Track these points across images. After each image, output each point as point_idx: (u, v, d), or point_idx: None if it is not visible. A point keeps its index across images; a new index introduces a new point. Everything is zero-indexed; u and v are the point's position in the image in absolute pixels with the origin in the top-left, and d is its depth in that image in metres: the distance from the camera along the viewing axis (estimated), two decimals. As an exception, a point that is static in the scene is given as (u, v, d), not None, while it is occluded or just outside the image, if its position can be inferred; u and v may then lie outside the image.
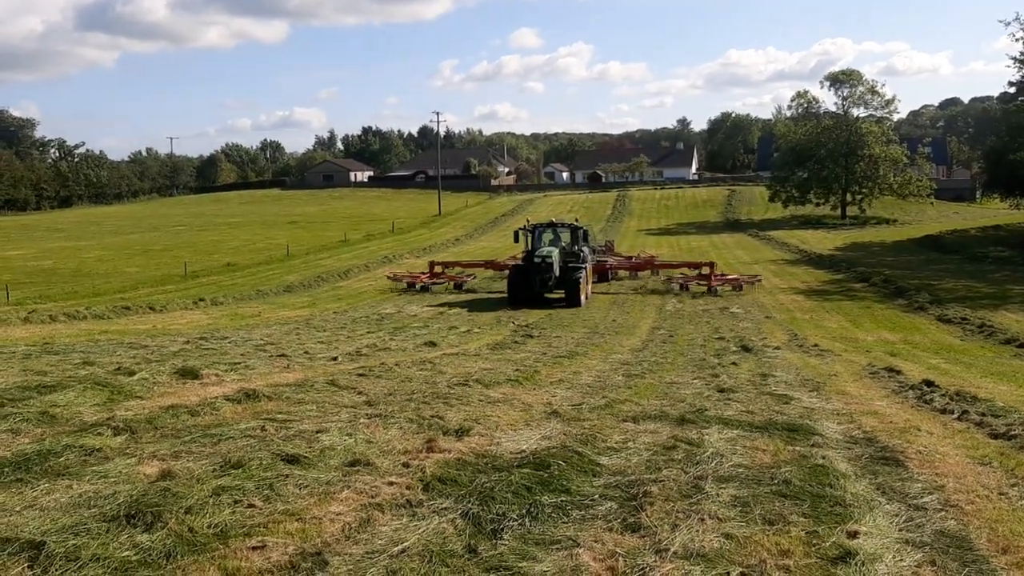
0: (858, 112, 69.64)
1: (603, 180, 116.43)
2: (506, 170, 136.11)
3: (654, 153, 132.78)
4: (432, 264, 36.39)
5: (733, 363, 15.22)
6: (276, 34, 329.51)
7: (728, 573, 4.12)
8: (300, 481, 5.48)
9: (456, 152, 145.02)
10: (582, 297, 27.92)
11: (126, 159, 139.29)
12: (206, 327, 21.40)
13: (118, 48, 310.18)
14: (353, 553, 4.29)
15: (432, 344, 17.00)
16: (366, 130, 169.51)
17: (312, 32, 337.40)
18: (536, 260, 27.88)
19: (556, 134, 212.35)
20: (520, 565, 4.21)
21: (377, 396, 9.08)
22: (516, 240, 30.72)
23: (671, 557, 4.30)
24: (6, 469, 5.47)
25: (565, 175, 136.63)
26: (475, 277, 36.00)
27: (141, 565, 4.03)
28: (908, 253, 45.99)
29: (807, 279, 36.67)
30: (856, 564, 4.20)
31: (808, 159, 67.91)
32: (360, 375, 10.88)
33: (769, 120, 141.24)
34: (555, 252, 28.21)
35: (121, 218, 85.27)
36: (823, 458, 6.57)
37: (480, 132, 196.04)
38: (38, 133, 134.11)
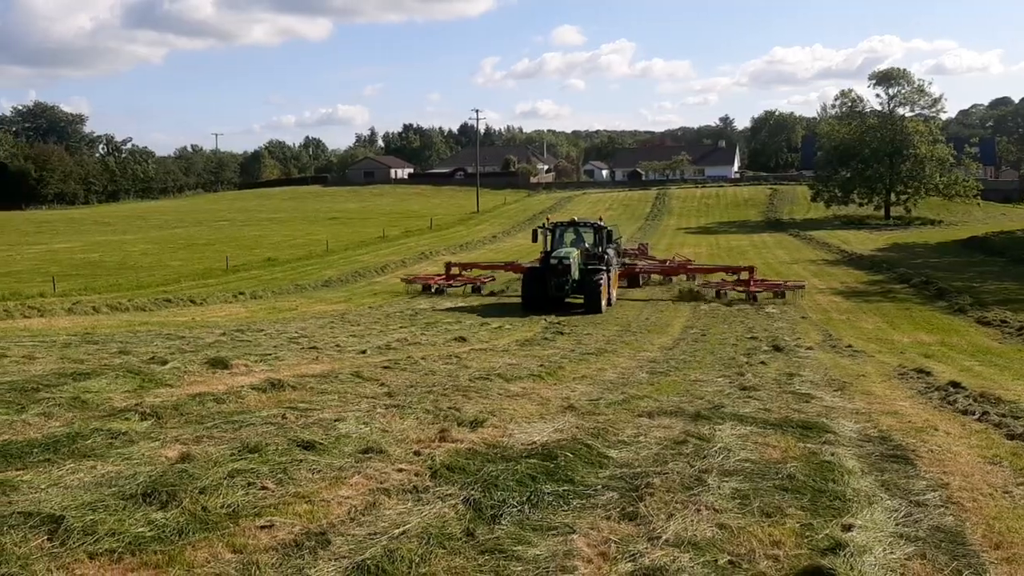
0: (904, 111, 68.52)
1: (643, 178, 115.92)
2: (545, 167, 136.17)
3: (696, 151, 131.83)
4: (448, 265, 34.03)
5: (762, 362, 15.19)
6: (320, 31, 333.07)
7: (716, 560, 4.21)
8: (313, 466, 5.68)
9: (496, 149, 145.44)
10: (603, 302, 25.54)
11: (172, 154, 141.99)
12: (243, 320, 21.85)
13: (166, 45, 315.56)
14: (356, 534, 4.46)
15: (462, 339, 17.20)
16: (407, 127, 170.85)
17: (356, 30, 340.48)
18: (552, 261, 25.67)
19: (597, 131, 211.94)
20: (515, 548, 4.35)
21: (398, 388, 9.29)
22: (535, 240, 28.64)
23: (662, 544, 4.41)
24: (36, 450, 5.75)
25: (605, 173, 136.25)
26: (494, 279, 33.68)
27: (154, 540, 4.25)
28: (952, 255, 45.19)
29: (846, 280, 36.23)
30: (845, 555, 4.26)
31: (852, 158, 66.97)
32: (385, 368, 11.10)
33: (814, 118, 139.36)
34: (574, 253, 26.03)
35: (166, 213, 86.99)
36: (832, 455, 6.61)
37: (520, 129, 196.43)
38: (87, 129, 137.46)
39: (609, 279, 26.64)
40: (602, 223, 28.36)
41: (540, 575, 4.04)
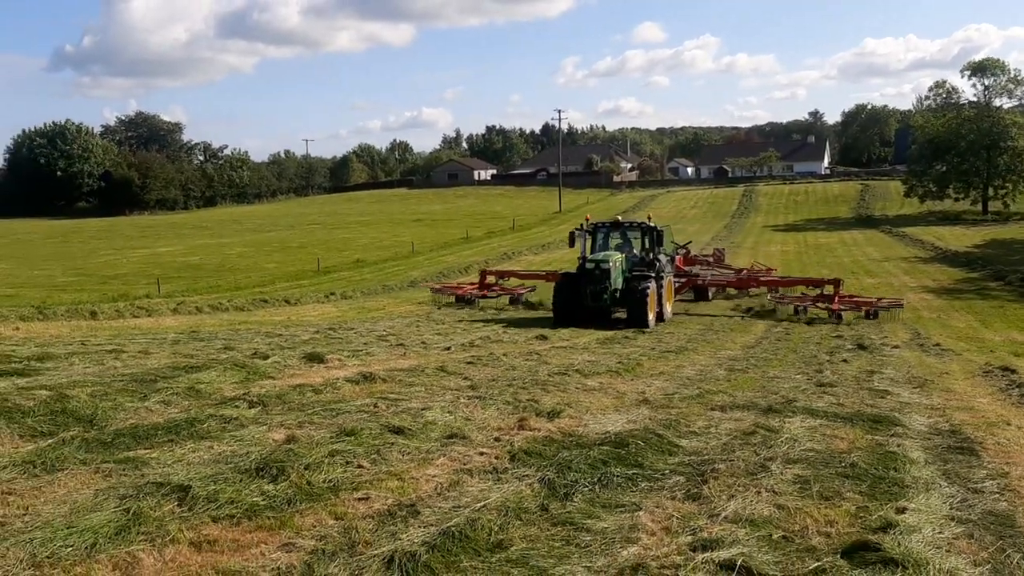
0: (1001, 102, 65.86)
1: (729, 175, 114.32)
2: (628, 166, 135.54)
3: (784, 147, 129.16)
4: (483, 274, 30.25)
5: (844, 360, 15.19)
6: (403, 37, 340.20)
7: (770, 535, 4.55)
8: (403, 449, 6.23)
9: (578, 149, 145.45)
10: (650, 316, 21.48)
11: (266, 160, 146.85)
12: (335, 319, 22.85)
13: (256, 54, 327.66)
14: (442, 507, 4.97)
15: (543, 338, 17.65)
16: (489, 129, 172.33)
17: (437, 34, 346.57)
18: (589, 266, 21.83)
19: (682, 128, 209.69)
20: (584, 522, 4.78)
21: (480, 381, 9.84)
22: (571, 244, 24.23)
23: (721, 521, 4.77)
24: (159, 432, 6.46)
25: (690, 170, 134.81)
26: (534, 289, 28.67)
27: (267, 508, 4.84)
28: (1054, 251, 43.39)
29: (939, 277, 35.26)
30: (894, 534, 4.53)
31: (947, 152, 64.65)
32: (468, 363, 11.67)
33: (908, 111, 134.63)
34: (615, 257, 22.08)
35: (260, 217, 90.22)
36: (898, 446, 6.81)
37: (603, 128, 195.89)
38: (185, 136, 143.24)
39: (660, 289, 22.53)
40: (652, 223, 24.13)
41: (606, 543, 4.45)
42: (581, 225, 24.36)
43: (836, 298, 25.13)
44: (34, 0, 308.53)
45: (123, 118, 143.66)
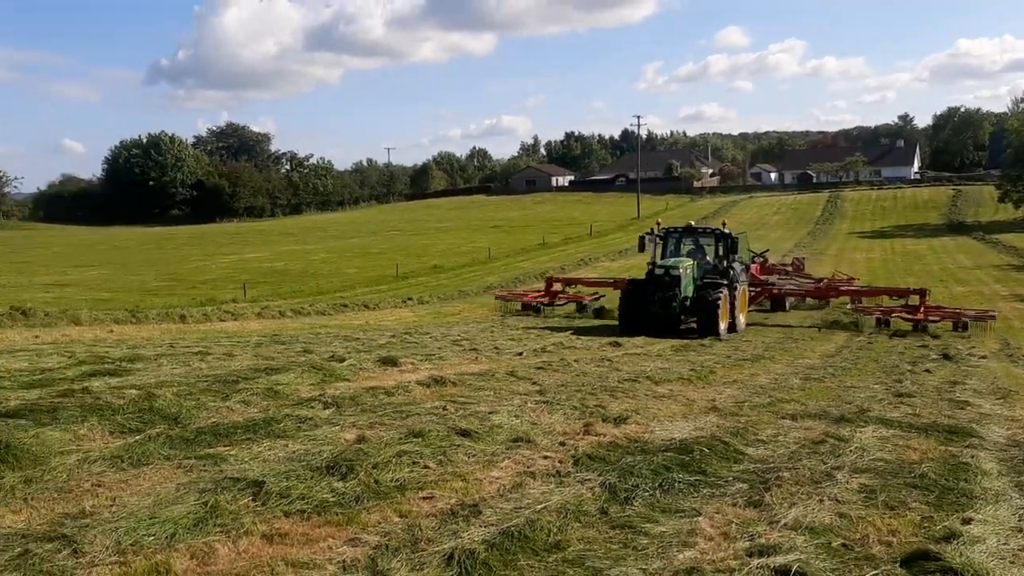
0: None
1: (814, 180, 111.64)
2: (709, 171, 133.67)
3: (871, 151, 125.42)
4: (550, 281, 29.96)
5: (927, 370, 14.77)
6: (485, 46, 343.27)
7: (830, 543, 4.52)
8: (469, 451, 6.39)
9: (657, 155, 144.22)
10: (722, 326, 20.72)
11: (349, 168, 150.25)
12: (411, 323, 23.30)
13: (342, 66, 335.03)
14: (503, 507, 5.09)
15: (617, 344, 17.61)
16: (568, 135, 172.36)
17: (519, 43, 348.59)
18: (658, 272, 21.10)
19: (766, 133, 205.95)
20: (643, 525, 4.84)
21: (549, 387, 9.94)
22: (641, 249, 23.93)
23: (780, 528, 4.76)
24: (239, 431, 6.77)
25: (773, 176, 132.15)
26: (603, 296, 28.24)
27: (336, 504, 5.05)
28: None
29: (1034, 286, 33.81)
30: (957, 543, 4.45)
31: (1045, 155, 61.94)
32: (539, 368, 11.79)
33: (1003, 114, 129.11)
34: (686, 264, 21.44)
35: (343, 224, 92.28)
36: (972, 457, 6.64)
37: (684, 134, 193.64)
38: (273, 146, 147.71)
39: (733, 298, 21.69)
40: (727, 229, 23.27)
41: (663, 547, 4.50)
42: (651, 230, 23.48)
43: (922, 308, 23.93)
44: (132, 17, 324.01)
45: (214, 129, 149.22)
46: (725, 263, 22.59)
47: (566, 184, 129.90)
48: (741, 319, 22.68)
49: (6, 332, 16.39)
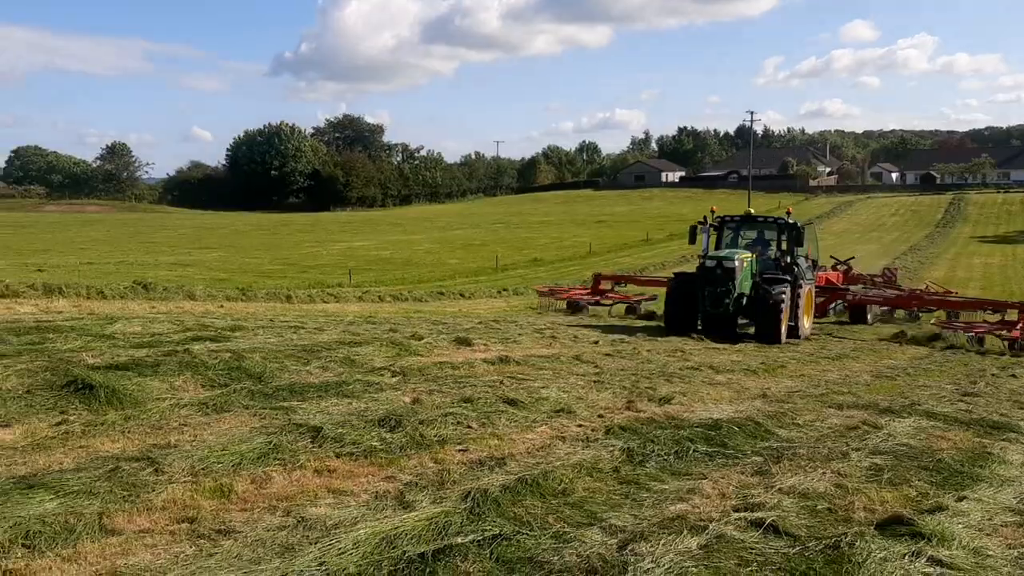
0: None
1: (937, 182, 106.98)
2: (827, 170, 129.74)
3: (1001, 153, 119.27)
4: (598, 278, 27.05)
5: (1012, 375, 14.45)
6: (600, 39, 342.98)
7: (815, 506, 4.93)
8: (512, 417, 7.01)
9: (773, 152, 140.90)
10: (782, 328, 17.99)
11: (458, 161, 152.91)
12: (501, 312, 24.03)
13: (457, 59, 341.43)
14: (527, 462, 5.70)
15: (700, 338, 17.76)
16: (681, 130, 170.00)
17: (635, 35, 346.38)
18: (709, 264, 18.06)
19: (892, 131, 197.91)
20: (649, 483, 5.35)
21: (609, 370, 10.45)
22: (691, 240, 21.01)
23: (774, 492, 5.18)
24: (312, 390, 7.62)
25: (894, 176, 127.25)
26: (655, 298, 25.24)
27: (381, 451, 5.77)
28: None
29: None
30: (940, 516, 4.75)
31: None
32: (607, 355, 12.28)
33: None
34: (743, 256, 18.27)
35: (450, 215, 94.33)
36: (1000, 449, 6.82)
37: (802, 130, 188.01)
38: (386, 137, 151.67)
39: (797, 297, 18.82)
40: (792, 219, 19.98)
41: (659, 501, 4.99)
42: (704, 218, 20.68)
43: (1020, 325, 21.03)
44: (257, 10, 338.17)
45: (332, 120, 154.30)
46: (789, 258, 19.62)
47: (676, 180, 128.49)
48: (805, 323, 19.86)
49: (128, 303, 17.99)
